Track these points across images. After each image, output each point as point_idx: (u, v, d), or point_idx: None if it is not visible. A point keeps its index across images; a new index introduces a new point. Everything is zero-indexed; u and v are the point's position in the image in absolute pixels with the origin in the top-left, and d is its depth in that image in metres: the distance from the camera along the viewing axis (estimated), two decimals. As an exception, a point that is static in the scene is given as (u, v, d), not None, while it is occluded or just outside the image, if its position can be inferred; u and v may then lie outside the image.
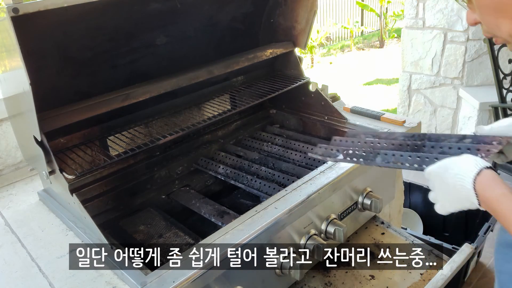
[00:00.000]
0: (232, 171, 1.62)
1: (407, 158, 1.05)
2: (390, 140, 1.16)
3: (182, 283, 0.97)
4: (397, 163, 1.06)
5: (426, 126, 4.23)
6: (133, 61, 1.49)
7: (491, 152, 0.97)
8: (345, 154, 1.15)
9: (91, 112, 1.30)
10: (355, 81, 6.69)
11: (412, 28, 4.09)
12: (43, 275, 1.09)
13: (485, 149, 0.97)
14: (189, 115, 1.67)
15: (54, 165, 1.16)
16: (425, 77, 4.14)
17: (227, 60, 1.67)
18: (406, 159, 1.05)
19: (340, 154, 1.16)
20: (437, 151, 1.05)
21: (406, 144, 1.12)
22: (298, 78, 1.84)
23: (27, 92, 1.02)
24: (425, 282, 1.34)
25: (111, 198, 1.50)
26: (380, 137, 1.20)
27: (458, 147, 1.02)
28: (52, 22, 1.15)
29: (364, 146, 1.17)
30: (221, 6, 1.62)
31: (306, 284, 1.33)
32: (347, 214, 1.44)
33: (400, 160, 1.06)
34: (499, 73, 2.99)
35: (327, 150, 1.19)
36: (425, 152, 1.07)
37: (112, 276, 1.06)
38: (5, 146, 1.70)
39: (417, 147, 1.10)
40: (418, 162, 1.02)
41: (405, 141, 1.14)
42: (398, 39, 8.99)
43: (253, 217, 1.17)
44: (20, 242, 1.24)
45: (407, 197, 2.85)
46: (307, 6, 1.71)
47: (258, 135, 1.93)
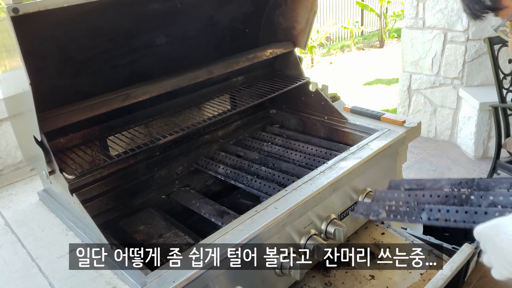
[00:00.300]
0: (232, 171, 1.62)
1: (454, 213, 0.98)
2: (435, 190, 1.09)
3: (182, 283, 0.97)
4: (444, 220, 0.99)
5: (426, 126, 4.23)
6: (133, 61, 1.49)
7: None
8: (387, 211, 1.09)
9: (91, 112, 1.30)
10: (355, 81, 6.69)
11: (412, 28, 4.09)
12: (43, 275, 1.09)
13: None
14: (189, 115, 1.67)
15: (54, 165, 1.16)
16: (425, 77, 4.14)
17: (227, 60, 1.67)
18: (453, 215, 0.98)
19: (382, 211, 1.10)
20: (487, 201, 0.97)
21: (453, 195, 1.04)
22: (298, 78, 1.84)
23: (27, 92, 1.02)
24: (425, 282, 1.33)
25: (111, 198, 1.50)
26: (425, 186, 1.13)
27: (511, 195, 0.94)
28: (52, 22, 1.15)
29: (408, 199, 1.10)
30: (221, 6, 1.62)
31: (306, 284, 1.33)
32: (347, 214, 1.44)
33: (447, 216, 0.99)
34: (499, 73, 2.99)
35: (369, 207, 1.13)
36: (474, 203, 0.99)
37: (112, 276, 1.06)
38: (5, 146, 1.70)
39: (465, 197, 1.02)
40: (466, 218, 0.95)
41: (452, 191, 1.06)
42: (398, 39, 8.99)
43: (253, 217, 1.17)
44: (20, 242, 1.24)
45: (407, 197, 2.84)
46: (307, 6, 1.71)
47: (258, 135, 1.93)
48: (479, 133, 3.72)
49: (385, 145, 1.52)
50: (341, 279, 1.37)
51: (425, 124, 4.23)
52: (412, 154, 3.88)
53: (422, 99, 4.24)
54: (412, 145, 3.94)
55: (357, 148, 1.50)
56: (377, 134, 1.60)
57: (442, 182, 1.12)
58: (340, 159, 1.44)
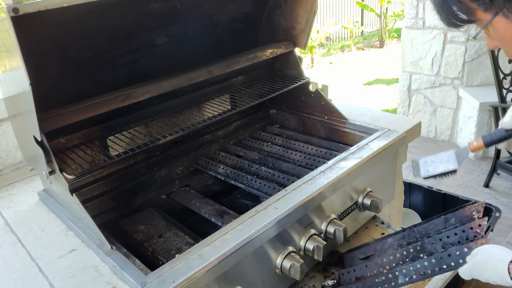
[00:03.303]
0: (232, 171, 1.62)
1: (424, 266, 1.09)
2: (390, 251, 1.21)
3: (182, 283, 0.97)
4: (420, 275, 1.10)
5: (426, 126, 4.24)
6: (133, 61, 1.49)
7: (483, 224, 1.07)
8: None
9: (91, 112, 1.30)
10: (355, 81, 6.69)
11: (412, 28, 4.09)
12: (43, 275, 1.09)
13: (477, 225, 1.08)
14: (189, 115, 1.67)
15: (54, 165, 1.16)
16: (425, 77, 4.14)
17: (227, 60, 1.67)
18: (424, 267, 1.09)
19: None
20: (440, 244, 1.12)
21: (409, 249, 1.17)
22: (298, 78, 1.84)
23: (27, 92, 1.02)
24: (425, 282, 1.33)
25: (111, 198, 1.50)
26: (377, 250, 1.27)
27: (455, 233, 1.10)
28: (52, 22, 1.15)
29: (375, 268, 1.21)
30: (221, 6, 1.62)
31: (306, 284, 1.33)
32: (347, 214, 1.44)
33: (421, 271, 1.10)
34: (499, 73, 2.99)
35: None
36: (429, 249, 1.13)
37: (112, 276, 1.06)
38: (5, 146, 1.70)
39: (420, 248, 1.15)
40: (437, 265, 1.07)
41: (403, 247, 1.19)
42: (398, 39, 8.99)
43: (253, 217, 1.17)
44: (20, 242, 1.24)
45: (407, 197, 2.85)
46: (307, 6, 1.71)
47: (258, 135, 1.93)
48: (479, 133, 3.73)
49: (385, 145, 1.52)
50: (341, 279, 1.36)
51: (425, 124, 4.23)
52: (412, 154, 3.88)
53: (422, 99, 4.24)
54: (412, 145, 3.95)
55: (357, 148, 1.50)
56: (377, 134, 1.60)
57: (389, 241, 1.26)
58: (340, 159, 1.44)
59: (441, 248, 1.11)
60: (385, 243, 1.27)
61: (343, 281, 1.28)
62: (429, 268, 1.08)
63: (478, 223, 1.08)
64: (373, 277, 1.19)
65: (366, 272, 1.23)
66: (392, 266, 1.18)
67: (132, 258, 1.09)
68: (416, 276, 1.10)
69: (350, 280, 1.26)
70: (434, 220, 1.21)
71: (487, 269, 0.94)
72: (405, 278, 1.12)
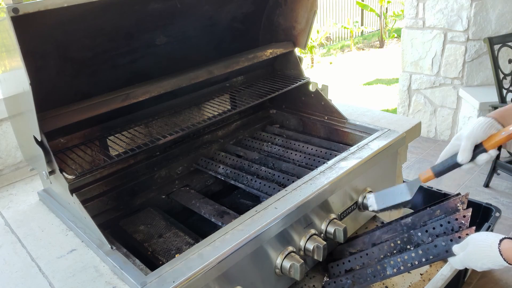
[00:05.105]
0: (232, 171, 1.62)
1: (411, 257, 1.12)
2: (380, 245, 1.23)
3: (182, 283, 0.97)
4: (408, 266, 1.12)
5: (426, 126, 4.23)
6: (133, 61, 1.49)
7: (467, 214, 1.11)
8: (356, 279, 1.21)
9: (91, 112, 1.30)
10: (355, 81, 6.69)
11: (412, 28, 4.09)
12: (43, 275, 1.09)
13: (461, 216, 1.10)
14: (189, 115, 1.67)
15: (54, 165, 1.16)
16: (425, 77, 4.14)
17: (227, 60, 1.67)
18: (412, 258, 1.12)
19: (349, 280, 1.23)
20: (426, 235, 1.15)
21: (397, 241, 1.20)
22: (298, 78, 1.85)
23: (27, 92, 1.02)
24: (425, 282, 1.34)
25: (111, 198, 1.50)
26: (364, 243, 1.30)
27: (441, 224, 1.14)
28: (52, 22, 1.15)
29: (364, 260, 1.24)
30: (221, 6, 1.62)
31: (306, 284, 1.33)
32: (347, 214, 1.44)
33: (408, 262, 1.12)
34: (499, 73, 2.99)
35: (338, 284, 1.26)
36: (416, 240, 1.16)
37: (112, 276, 1.06)
38: (5, 146, 1.71)
39: (407, 239, 1.18)
40: (424, 256, 1.10)
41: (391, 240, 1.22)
42: (398, 39, 9.00)
43: (253, 217, 1.17)
44: (20, 242, 1.24)
45: (407, 197, 2.84)
46: (307, 6, 1.71)
47: (258, 135, 1.93)
48: (479, 133, 3.72)
49: (385, 145, 1.52)
50: (341, 279, 1.36)
51: (425, 124, 4.23)
52: (412, 154, 3.88)
53: (422, 99, 4.24)
54: (412, 145, 3.95)
55: (357, 148, 1.50)
56: (377, 134, 1.60)
57: (376, 234, 1.29)
58: (340, 159, 1.44)
59: (428, 239, 1.14)
60: (373, 236, 1.29)
61: (333, 274, 1.29)
62: (416, 259, 1.11)
63: (462, 214, 1.11)
64: (361, 269, 1.21)
65: (355, 264, 1.25)
66: (380, 258, 1.20)
67: (132, 258, 1.09)
68: (404, 267, 1.13)
69: (340, 273, 1.27)
70: (420, 212, 1.23)
71: (479, 257, 0.97)
72: (393, 270, 1.14)
